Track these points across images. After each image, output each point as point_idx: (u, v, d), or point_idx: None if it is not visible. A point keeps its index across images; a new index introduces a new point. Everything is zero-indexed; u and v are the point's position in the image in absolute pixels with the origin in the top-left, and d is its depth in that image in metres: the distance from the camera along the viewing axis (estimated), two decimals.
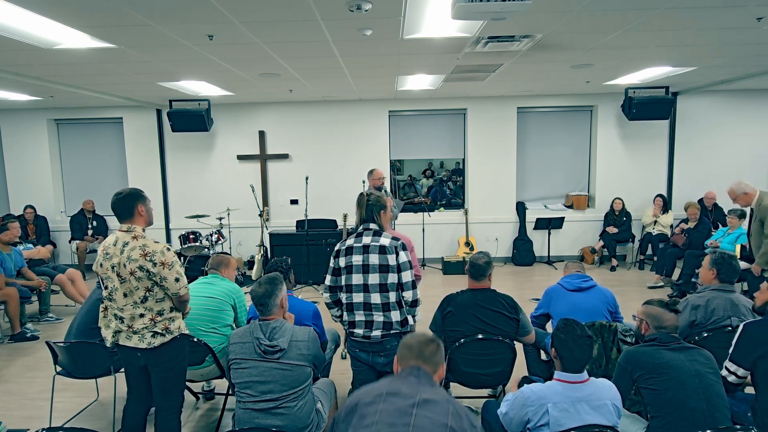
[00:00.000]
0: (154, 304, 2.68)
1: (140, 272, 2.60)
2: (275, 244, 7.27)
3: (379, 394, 1.75)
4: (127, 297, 2.67)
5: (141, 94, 6.92)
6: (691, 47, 4.76)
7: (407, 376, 1.82)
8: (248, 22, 3.61)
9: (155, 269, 2.60)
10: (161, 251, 2.63)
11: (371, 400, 1.74)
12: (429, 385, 1.80)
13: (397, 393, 1.74)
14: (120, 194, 2.70)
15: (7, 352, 4.99)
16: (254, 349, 2.52)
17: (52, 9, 3.20)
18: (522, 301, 6.02)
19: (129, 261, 2.60)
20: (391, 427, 1.64)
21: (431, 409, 1.68)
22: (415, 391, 1.74)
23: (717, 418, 2.25)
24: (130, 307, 2.67)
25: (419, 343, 1.91)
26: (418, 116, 8.45)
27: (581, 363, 2.20)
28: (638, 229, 8.01)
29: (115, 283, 2.66)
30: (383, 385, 1.80)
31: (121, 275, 2.64)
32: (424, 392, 1.74)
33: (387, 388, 1.77)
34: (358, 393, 1.82)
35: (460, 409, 1.73)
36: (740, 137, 8.09)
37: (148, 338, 2.68)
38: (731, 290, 3.23)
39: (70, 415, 3.69)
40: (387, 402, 1.71)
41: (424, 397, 1.71)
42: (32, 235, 7.79)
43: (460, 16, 3.02)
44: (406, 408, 1.68)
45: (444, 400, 1.73)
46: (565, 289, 3.51)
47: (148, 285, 2.64)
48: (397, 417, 1.66)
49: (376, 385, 1.82)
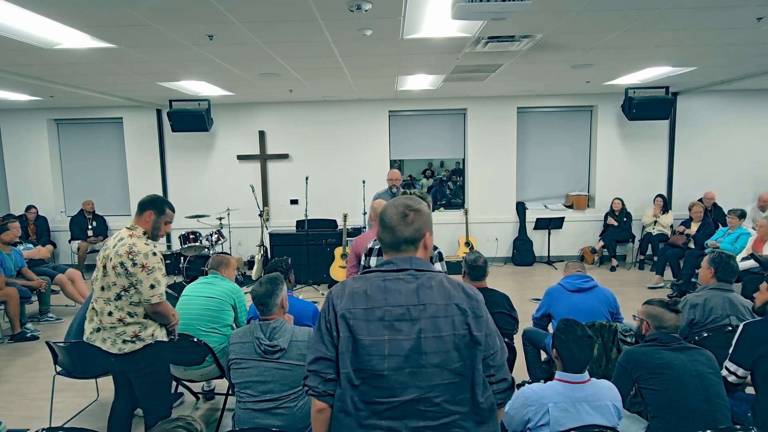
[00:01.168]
0: (127, 305, 2.66)
1: (120, 268, 2.61)
2: (275, 244, 7.27)
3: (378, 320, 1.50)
4: (104, 291, 2.68)
5: (141, 94, 6.91)
6: (691, 47, 4.76)
7: (395, 280, 1.54)
8: (248, 22, 3.61)
9: (133, 269, 2.60)
10: (145, 253, 2.63)
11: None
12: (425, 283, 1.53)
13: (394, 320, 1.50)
14: (149, 195, 2.83)
15: (7, 352, 4.98)
16: (254, 349, 2.52)
17: (52, 9, 3.20)
18: (522, 301, 6.05)
19: (115, 255, 2.63)
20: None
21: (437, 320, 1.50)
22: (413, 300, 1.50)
23: (717, 418, 2.25)
24: (102, 302, 2.69)
25: (396, 220, 1.58)
26: (418, 116, 8.45)
27: (582, 363, 2.20)
28: (638, 229, 8.01)
29: (99, 273, 2.70)
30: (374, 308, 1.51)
31: (105, 267, 2.67)
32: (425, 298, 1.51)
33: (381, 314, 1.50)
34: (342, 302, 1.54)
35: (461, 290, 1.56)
36: (740, 137, 8.09)
37: (119, 344, 2.66)
38: (729, 290, 3.23)
39: (70, 415, 3.69)
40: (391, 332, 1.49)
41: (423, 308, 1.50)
42: (32, 235, 7.78)
43: (460, 16, 3.02)
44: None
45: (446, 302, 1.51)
46: (566, 290, 3.50)
47: (125, 284, 2.63)
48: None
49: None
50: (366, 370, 1.47)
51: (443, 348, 1.47)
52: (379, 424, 1.46)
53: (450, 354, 1.48)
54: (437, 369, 1.47)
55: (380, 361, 1.46)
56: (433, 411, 1.46)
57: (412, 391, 1.46)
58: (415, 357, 1.46)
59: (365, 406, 1.48)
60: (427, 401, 1.46)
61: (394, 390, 1.46)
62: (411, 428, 1.45)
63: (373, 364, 1.46)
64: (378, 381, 1.47)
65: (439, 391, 1.47)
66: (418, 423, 1.46)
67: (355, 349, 1.49)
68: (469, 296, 1.55)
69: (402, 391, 1.46)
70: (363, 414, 1.48)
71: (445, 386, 1.47)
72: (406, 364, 1.46)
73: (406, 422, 1.46)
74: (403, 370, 1.46)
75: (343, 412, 1.50)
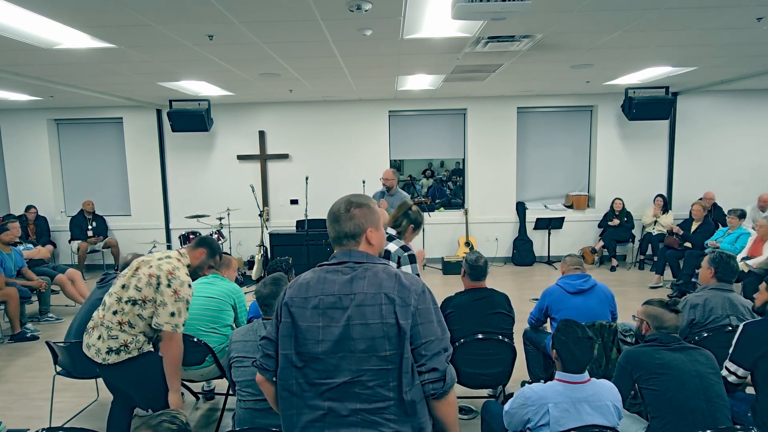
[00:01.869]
0: (133, 315, 2.63)
1: (154, 280, 2.62)
2: (275, 244, 7.27)
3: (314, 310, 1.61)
4: (123, 289, 2.67)
5: (141, 94, 6.91)
6: (691, 47, 4.76)
7: (334, 273, 1.64)
8: (248, 22, 3.61)
9: (165, 289, 2.61)
10: (183, 281, 2.67)
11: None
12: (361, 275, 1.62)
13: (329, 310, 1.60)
14: (209, 238, 3.03)
15: (7, 352, 4.98)
16: (257, 348, 2.52)
17: (52, 9, 3.20)
18: (522, 301, 6.05)
19: (157, 267, 2.66)
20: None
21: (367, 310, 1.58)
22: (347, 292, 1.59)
23: (717, 419, 2.25)
24: (114, 298, 2.67)
25: (338, 215, 1.69)
26: (418, 116, 8.45)
27: (582, 364, 2.20)
28: (638, 229, 8.01)
29: (129, 272, 2.71)
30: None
31: (139, 270, 2.68)
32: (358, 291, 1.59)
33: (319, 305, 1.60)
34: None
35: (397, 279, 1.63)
36: (740, 137, 8.09)
37: (103, 354, 2.62)
38: (729, 290, 3.23)
39: (70, 415, 3.69)
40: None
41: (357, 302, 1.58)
42: (32, 235, 7.78)
43: (460, 16, 3.02)
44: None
45: (376, 293, 1.58)
46: (566, 292, 3.42)
47: (148, 296, 2.62)
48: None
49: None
50: (304, 353, 1.60)
51: (369, 335, 1.56)
52: (322, 405, 1.58)
53: (377, 341, 1.55)
54: (365, 355, 1.56)
55: (315, 345, 1.58)
56: (367, 394, 1.56)
57: (345, 374, 1.56)
58: (344, 342, 1.56)
59: (309, 387, 1.59)
60: (360, 384, 1.56)
61: (329, 372, 1.57)
62: (350, 410, 1.56)
63: (309, 347, 1.59)
64: (316, 364, 1.59)
65: (371, 376, 1.56)
66: (355, 405, 1.56)
67: (295, 334, 1.61)
68: (403, 285, 1.61)
69: (336, 373, 1.57)
70: (308, 395, 1.59)
71: (376, 372, 1.56)
72: (338, 348, 1.57)
73: (346, 404, 1.56)
74: (336, 354, 1.57)
75: (286, 391, 1.62)
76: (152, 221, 8.44)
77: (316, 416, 1.58)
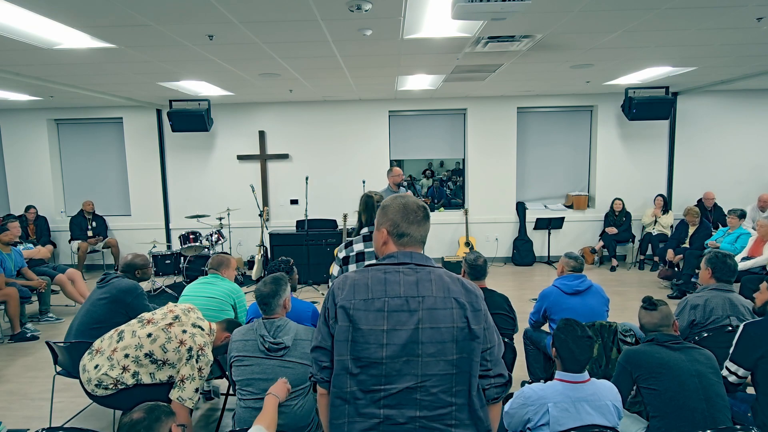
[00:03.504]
0: (146, 369, 2.56)
1: (184, 348, 2.58)
2: (275, 244, 7.27)
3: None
4: (149, 338, 2.60)
5: (141, 94, 6.92)
6: (691, 47, 4.76)
7: (395, 272, 1.58)
8: (248, 22, 3.61)
9: (192, 362, 2.57)
10: (208, 362, 2.65)
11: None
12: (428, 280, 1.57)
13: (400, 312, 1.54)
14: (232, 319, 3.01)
15: (7, 352, 4.98)
16: (258, 347, 2.52)
17: (52, 9, 3.20)
18: (522, 301, 6.05)
19: (189, 337, 2.62)
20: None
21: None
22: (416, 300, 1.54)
23: (717, 418, 2.25)
24: (130, 336, 2.61)
25: (414, 218, 1.64)
26: (418, 116, 8.45)
27: (582, 363, 2.20)
28: (638, 229, 8.01)
29: (163, 323, 2.65)
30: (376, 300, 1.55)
31: (168, 332, 2.61)
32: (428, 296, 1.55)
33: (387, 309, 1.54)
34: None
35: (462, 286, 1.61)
36: (740, 137, 8.09)
37: (92, 385, 2.58)
38: (730, 290, 3.23)
39: (70, 415, 3.69)
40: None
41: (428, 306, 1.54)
42: (32, 235, 7.78)
43: (460, 16, 3.02)
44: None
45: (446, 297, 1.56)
46: (563, 293, 3.44)
47: (173, 360, 2.58)
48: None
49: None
50: (364, 358, 1.52)
51: (439, 339, 1.52)
52: (377, 413, 1.51)
53: (446, 345, 1.52)
54: (432, 359, 1.51)
55: (378, 350, 1.51)
56: (429, 400, 1.50)
57: (408, 379, 1.50)
58: (411, 346, 1.51)
59: (363, 395, 1.52)
60: (423, 390, 1.50)
61: (391, 377, 1.50)
62: (408, 417, 1.49)
63: (371, 352, 1.51)
64: (375, 369, 1.51)
65: (435, 381, 1.51)
66: (414, 412, 1.49)
67: (354, 338, 1.53)
68: (468, 290, 1.60)
69: (398, 378, 1.50)
70: (362, 402, 1.52)
71: (441, 377, 1.51)
72: (403, 352, 1.50)
73: (403, 411, 1.49)
74: (400, 359, 1.50)
75: (339, 398, 1.55)
76: (152, 221, 8.44)
77: (370, 425, 1.51)
